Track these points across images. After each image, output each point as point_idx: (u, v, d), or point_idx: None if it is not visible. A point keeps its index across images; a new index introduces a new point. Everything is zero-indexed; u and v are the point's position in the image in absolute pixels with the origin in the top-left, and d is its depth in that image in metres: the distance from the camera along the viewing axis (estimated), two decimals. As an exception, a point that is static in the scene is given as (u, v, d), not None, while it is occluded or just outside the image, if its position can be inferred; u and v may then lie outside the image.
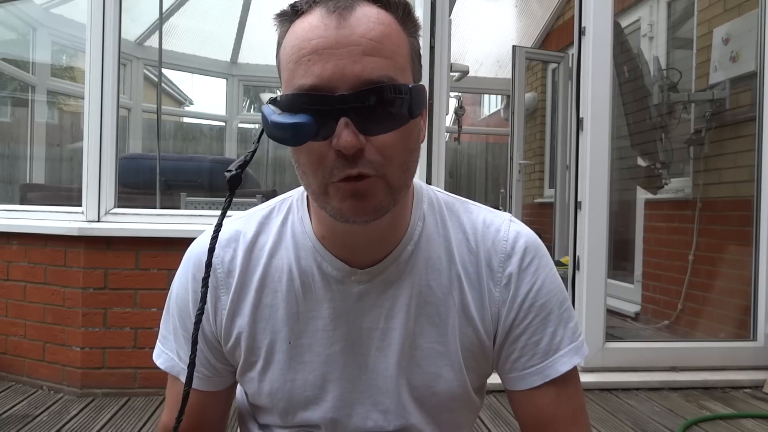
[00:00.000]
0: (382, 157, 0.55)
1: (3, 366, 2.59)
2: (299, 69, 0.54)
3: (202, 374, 0.73)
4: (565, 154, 4.37)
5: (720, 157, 3.25)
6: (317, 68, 0.53)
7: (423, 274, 0.68)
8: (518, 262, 0.69)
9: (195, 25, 5.13)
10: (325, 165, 0.56)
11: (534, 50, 5.01)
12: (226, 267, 0.70)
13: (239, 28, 5.19)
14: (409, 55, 0.58)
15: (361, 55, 0.53)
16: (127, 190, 2.87)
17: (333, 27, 0.53)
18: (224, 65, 5.47)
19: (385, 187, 0.57)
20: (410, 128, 0.57)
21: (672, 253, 3.61)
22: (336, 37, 0.53)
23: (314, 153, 0.56)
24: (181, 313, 0.72)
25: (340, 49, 0.52)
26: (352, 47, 0.52)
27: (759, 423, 2.17)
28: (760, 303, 2.76)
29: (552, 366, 0.69)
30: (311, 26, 0.54)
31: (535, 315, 0.69)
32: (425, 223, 0.70)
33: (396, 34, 0.56)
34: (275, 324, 0.69)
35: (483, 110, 8.52)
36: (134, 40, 4.80)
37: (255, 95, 6.73)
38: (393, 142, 0.56)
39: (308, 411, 0.70)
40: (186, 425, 0.73)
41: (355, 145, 0.53)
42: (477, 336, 0.70)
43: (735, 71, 3.13)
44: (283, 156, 5.85)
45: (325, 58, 0.52)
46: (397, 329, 0.68)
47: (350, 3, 0.54)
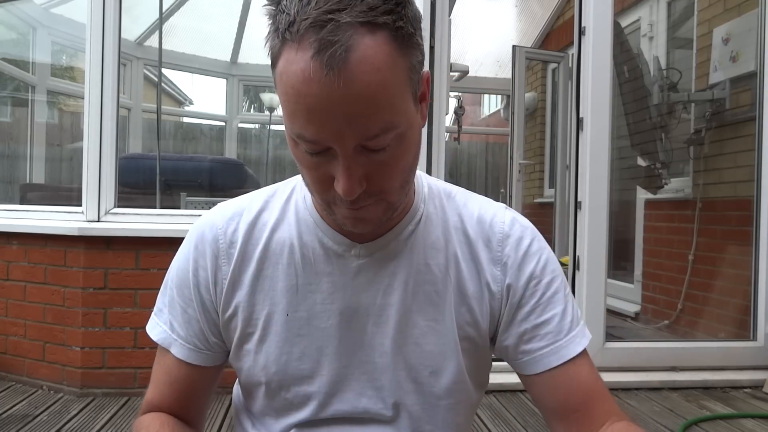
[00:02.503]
0: (381, 188, 0.58)
1: (3, 366, 2.59)
2: (296, 119, 0.53)
3: (195, 347, 0.73)
4: (565, 154, 4.37)
5: (720, 157, 3.25)
6: (314, 129, 0.52)
7: (422, 253, 0.70)
8: (517, 241, 0.71)
9: (195, 25, 5.13)
10: (326, 189, 0.58)
11: (534, 50, 5.01)
12: (228, 238, 0.71)
13: (239, 28, 5.19)
14: (407, 79, 0.55)
15: (357, 116, 0.51)
16: (127, 190, 2.87)
17: (327, 86, 0.50)
18: (224, 65, 5.47)
19: (385, 208, 0.61)
20: (406, 149, 0.58)
21: (672, 253, 3.61)
22: (330, 99, 0.50)
23: (317, 180, 0.58)
24: (180, 282, 0.73)
25: (334, 111, 0.51)
26: (347, 108, 0.51)
27: (759, 423, 2.17)
28: (760, 303, 2.76)
29: (566, 346, 0.69)
30: (303, 77, 0.50)
31: (542, 293, 0.69)
32: (426, 207, 0.72)
33: (392, 75, 0.52)
34: (274, 296, 0.70)
35: (483, 110, 8.52)
36: (134, 40, 4.80)
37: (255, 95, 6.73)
38: (391, 172, 0.58)
39: (303, 386, 0.70)
40: (172, 399, 0.74)
41: (354, 192, 0.55)
42: (471, 315, 0.70)
43: (735, 71, 3.13)
44: (283, 156, 5.85)
45: (322, 119, 0.52)
46: (394, 305, 0.69)
47: (343, 51, 0.49)
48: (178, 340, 0.73)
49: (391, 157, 0.56)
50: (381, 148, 0.55)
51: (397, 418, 0.71)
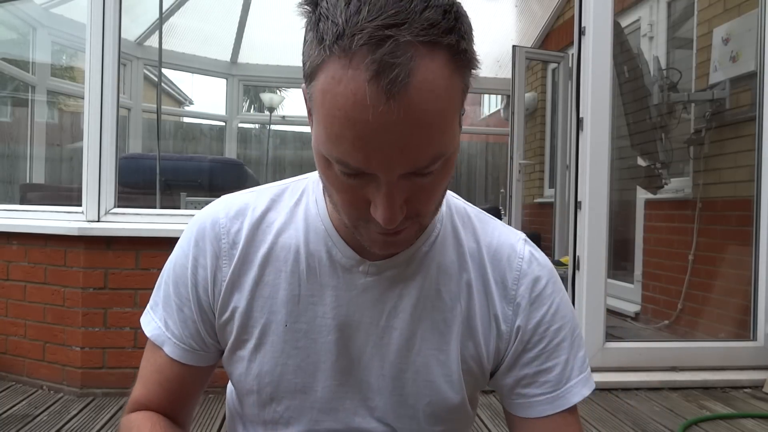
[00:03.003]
0: (418, 212, 0.55)
1: (3, 366, 2.59)
2: (340, 144, 0.48)
3: (190, 347, 0.70)
4: (565, 154, 4.37)
5: (720, 157, 3.25)
6: (361, 156, 0.48)
7: (434, 278, 0.67)
8: (533, 283, 0.67)
9: (195, 25, 5.13)
10: (359, 214, 0.54)
11: (534, 50, 5.01)
12: (231, 238, 0.67)
13: (239, 28, 5.19)
14: (460, 101, 0.51)
15: (412, 146, 0.47)
16: (127, 190, 2.87)
17: (384, 113, 0.45)
18: (224, 65, 5.48)
19: (417, 229, 0.57)
20: (449, 171, 0.55)
21: (672, 253, 3.61)
22: (385, 127, 0.45)
23: (349, 201, 0.54)
24: (177, 280, 0.70)
25: (386, 137, 0.46)
26: (401, 137, 0.46)
27: (759, 423, 2.17)
28: (760, 303, 2.76)
29: (563, 396, 0.67)
30: (355, 101, 0.45)
31: (550, 340, 0.67)
32: (443, 226, 0.68)
33: (449, 101, 0.48)
34: (274, 304, 0.66)
35: (483, 110, 8.52)
36: (134, 40, 4.81)
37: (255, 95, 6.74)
38: (430, 197, 0.55)
39: (295, 400, 0.67)
40: (162, 398, 0.71)
41: (396, 220, 0.51)
42: (477, 350, 0.67)
43: (735, 71, 3.13)
44: (282, 156, 5.85)
45: (371, 147, 0.47)
46: (398, 329, 0.66)
47: (405, 76, 0.44)
48: (171, 338, 0.70)
49: (434, 182, 0.53)
50: (427, 174, 0.51)
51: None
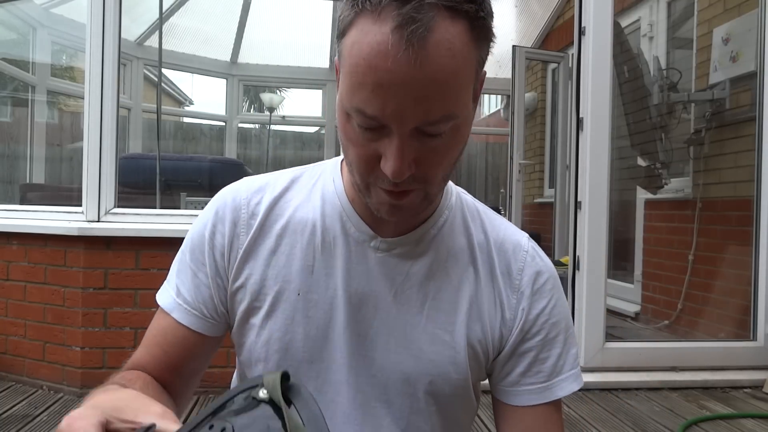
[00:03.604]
0: (426, 175, 0.58)
1: (3, 366, 2.59)
2: (361, 93, 0.52)
3: (200, 312, 0.70)
4: (565, 154, 4.36)
5: (720, 157, 3.25)
6: (378, 103, 0.51)
7: (442, 259, 0.69)
8: (535, 275, 0.70)
9: (195, 25, 5.13)
10: (370, 169, 0.57)
11: (534, 50, 5.01)
12: (250, 210, 0.70)
13: (239, 28, 5.20)
14: (474, 72, 0.55)
15: (424, 99, 0.51)
16: (127, 190, 2.87)
17: (403, 63, 0.49)
18: (224, 65, 5.48)
19: (423, 198, 0.60)
20: (458, 142, 0.58)
21: (672, 253, 3.61)
22: (403, 76, 0.49)
23: (363, 157, 0.57)
24: (194, 246, 0.71)
25: (403, 88, 0.50)
26: (417, 90, 0.50)
27: (759, 423, 2.17)
28: (760, 303, 2.76)
29: (552, 389, 0.70)
30: (380, 51, 0.49)
31: (547, 333, 0.69)
32: (451, 213, 0.72)
33: (465, 64, 0.53)
34: (288, 273, 0.68)
35: (483, 110, 8.52)
36: (134, 40, 4.81)
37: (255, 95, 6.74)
38: (439, 161, 0.57)
39: (301, 371, 0.68)
40: (162, 364, 0.70)
41: (403, 175, 0.55)
42: (483, 334, 0.69)
43: (735, 71, 3.13)
44: (282, 156, 5.85)
45: (388, 95, 0.51)
46: (405, 306, 0.68)
47: (424, 30, 0.48)
48: (182, 305, 0.70)
49: (443, 146, 0.56)
50: (437, 134, 0.54)
51: (391, 412, 0.69)
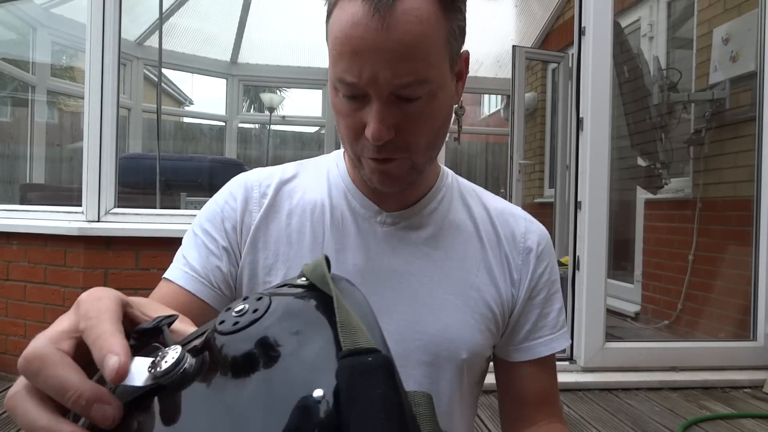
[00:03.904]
0: (408, 143, 0.61)
1: (3, 366, 2.59)
2: (341, 62, 0.58)
3: (207, 280, 0.69)
4: (565, 154, 4.36)
5: (720, 157, 3.25)
6: (356, 69, 0.57)
7: (447, 230, 0.73)
8: (538, 239, 0.76)
9: (195, 25, 5.13)
10: (358, 140, 0.62)
11: (534, 50, 5.01)
12: (262, 190, 0.73)
13: (239, 28, 5.19)
14: (446, 41, 0.59)
15: (394, 61, 0.56)
16: (127, 190, 2.87)
17: (373, 29, 0.55)
18: (224, 65, 5.47)
19: (410, 167, 0.64)
20: (436, 110, 0.62)
21: (672, 253, 3.61)
22: (374, 42, 0.55)
23: (350, 127, 0.62)
24: (205, 221, 0.72)
25: (376, 53, 0.56)
26: (387, 53, 0.55)
27: (759, 423, 2.17)
28: (760, 303, 2.76)
29: (557, 340, 0.75)
30: (354, 22, 0.56)
31: (548, 291, 0.75)
32: (449, 191, 0.76)
33: (432, 30, 0.57)
34: (300, 249, 0.70)
35: (483, 110, 8.52)
36: (134, 40, 4.81)
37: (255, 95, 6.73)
38: (419, 127, 0.61)
39: None
40: None
41: (383, 137, 0.59)
42: (498, 297, 0.72)
43: (735, 71, 3.13)
44: (282, 156, 5.85)
45: (362, 60, 0.56)
46: (416, 275, 0.70)
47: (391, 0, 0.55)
48: (189, 272, 0.69)
49: (421, 112, 0.60)
50: (413, 98, 0.58)
51: (409, 383, 0.68)
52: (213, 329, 0.33)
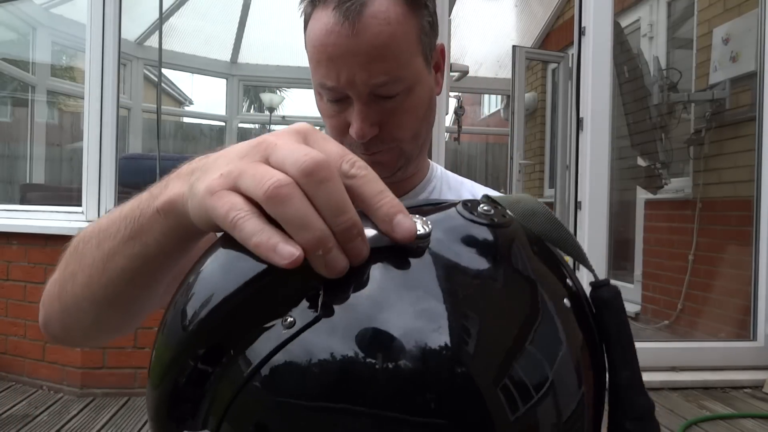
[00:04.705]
0: (393, 136, 0.64)
1: (3, 366, 2.59)
2: (320, 69, 0.61)
3: None
4: (565, 154, 4.36)
5: (720, 157, 3.25)
6: (333, 74, 0.60)
7: None
8: None
9: (195, 25, 5.13)
10: (343, 138, 0.64)
11: (534, 50, 5.01)
12: None
13: (239, 28, 5.19)
14: (417, 38, 0.62)
15: (367, 63, 0.58)
16: (127, 190, 2.87)
17: (344, 35, 0.58)
18: (224, 65, 5.47)
19: (398, 154, 0.66)
20: (416, 103, 0.64)
21: (672, 253, 3.61)
22: (347, 47, 0.58)
23: (336, 127, 0.64)
24: None
25: (349, 58, 0.58)
26: (360, 57, 0.58)
27: (759, 423, 2.17)
28: (760, 303, 2.76)
29: None
30: (327, 30, 0.59)
31: None
32: (439, 182, 0.77)
33: (401, 29, 0.60)
34: None
35: (483, 110, 8.52)
36: (134, 40, 4.80)
37: (255, 95, 6.73)
38: (401, 121, 0.63)
39: None
40: None
41: (366, 135, 0.61)
42: None
43: (735, 71, 3.13)
44: (283, 156, 5.85)
45: (339, 65, 0.59)
46: None
47: (359, 5, 0.58)
48: None
49: (400, 107, 0.62)
50: (390, 95, 0.61)
51: None
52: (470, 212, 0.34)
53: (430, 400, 0.26)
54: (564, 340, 0.31)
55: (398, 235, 0.29)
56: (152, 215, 0.37)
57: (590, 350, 0.34)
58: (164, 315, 0.34)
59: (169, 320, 0.32)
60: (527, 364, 0.29)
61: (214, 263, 0.32)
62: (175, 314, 0.32)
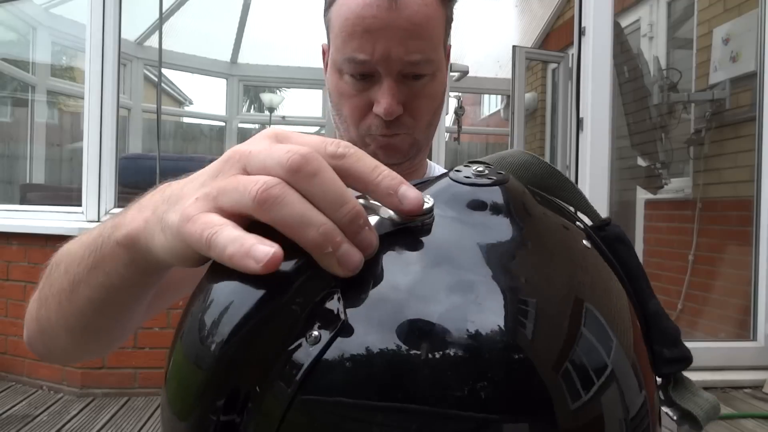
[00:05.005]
0: (413, 119, 0.64)
1: (3, 366, 2.59)
2: (352, 42, 0.60)
3: None
4: (565, 154, 4.36)
5: (720, 157, 3.25)
6: (368, 47, 0.60)
7: None
8: None
9: (195, 25, 5.13)
10: (364, 119, 0.64)
11: (534, 50, 5.01)
12: None
13: (239, 28, 5.19)
14: (444, 27, 0.64)
15: (406, 39, 0.59)
16: (127, 190, 2.87)
17: (385, 8, 0.58)
18: (224, 65, 5.47)
19: (411, 142, 0.67)
20: (437, 89, 0.65)
21: (672, 253, 3.61)
22: (386, 20, 0.58)
23: (357, 107, 0.64)
24: None
25: (388, 31, 0.59)
26: (399, 31, 0.59)
27: (759, 423, 2.17)
28: (760, 303, 2.76)
29: None
30: (366, 3, 0.59)
31: None
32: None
33: (435, 12, 0.62)
34: None
35: (483, 110, 8.52)
36: (134, 40, 4.81)
37: (255, 95, 6.73)
38: (422, 106, 0.65)
39: None
40: None
41: (395, 112, 0.62)
42: None
43: (735, 71, 3.13)
44: (283, 156, 5.85)
45: (375, 38, 0.59)
46: None
47: None
48: None
49: (424, 91, 0.64)
50: (420, 74, 0.62)
51: None
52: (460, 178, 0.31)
53: (488, 387, 0.23)
54: (615, 299, 0.30)
55: (407, 207, 0.26)
56: (112, 247, 0.36)
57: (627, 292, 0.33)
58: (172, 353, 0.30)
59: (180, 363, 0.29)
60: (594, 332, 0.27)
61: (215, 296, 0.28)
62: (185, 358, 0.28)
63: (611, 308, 0.29)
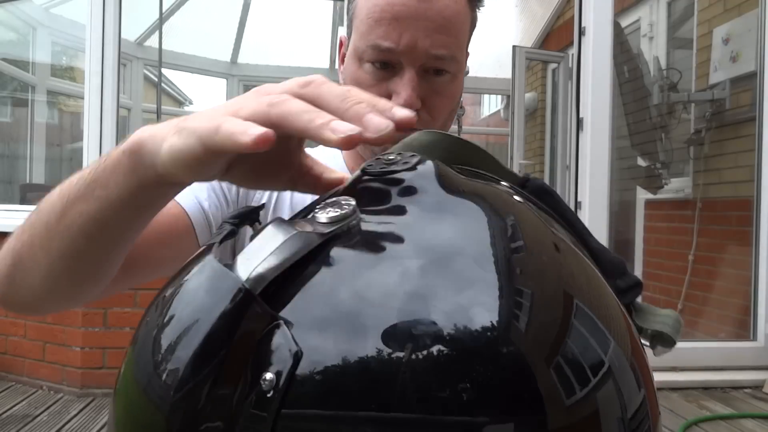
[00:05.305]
0: (431, 117, 0.63)
1: (3, 366, 2.59)
2: (379, 28, 0.59)
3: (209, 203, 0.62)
4: (565, 154, 4.36)
5: (720, 157, 3.25)
6: (395, 35, 0.58)
7: None
8: None
9: (195, 25, 5.13)
10: None
11: (534, 50, 5.01)
12: None
13: (239, 28, 5.19)
14: (469, 28, 0.64)
15: (433, 31, 0.58)
16: (127, 190, 2.87)
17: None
18: (224, 65, 5.47)
19: None
20: (455, 90, 0.64)
21: (672, 253, 3.61)
22: (417, 10, 0.57)
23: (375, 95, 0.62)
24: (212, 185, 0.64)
25: (417, 21, 0.58)
26: (428, 22, 0.58)
27: (759, 423, 2.17)
28: (760, 303, 2.76)
29: None
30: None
31: None
32: None
33: (464, 12, 0.61)
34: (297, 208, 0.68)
35: (483, 110, 8.52)
36: (134, 40, 4.80)
37: (255, 95, 6.73)
38: (440, 104, 0.63)
39: None
40: None
41: (414, 105, 0.60)
42: None
43: (735, 71, 3.13)
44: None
45: (404, 27, 0.58)
46: None
47: None
48: (190, 194, 0.61)
49: (442, 89, 0.62)
50: (442, 70, 0.61)
51: None
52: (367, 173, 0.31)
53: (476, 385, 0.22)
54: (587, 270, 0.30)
55: (371, 132, 0.27)
56: (116, 156, 0.36)
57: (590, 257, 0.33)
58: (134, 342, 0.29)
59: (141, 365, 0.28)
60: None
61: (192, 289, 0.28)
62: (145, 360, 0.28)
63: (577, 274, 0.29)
